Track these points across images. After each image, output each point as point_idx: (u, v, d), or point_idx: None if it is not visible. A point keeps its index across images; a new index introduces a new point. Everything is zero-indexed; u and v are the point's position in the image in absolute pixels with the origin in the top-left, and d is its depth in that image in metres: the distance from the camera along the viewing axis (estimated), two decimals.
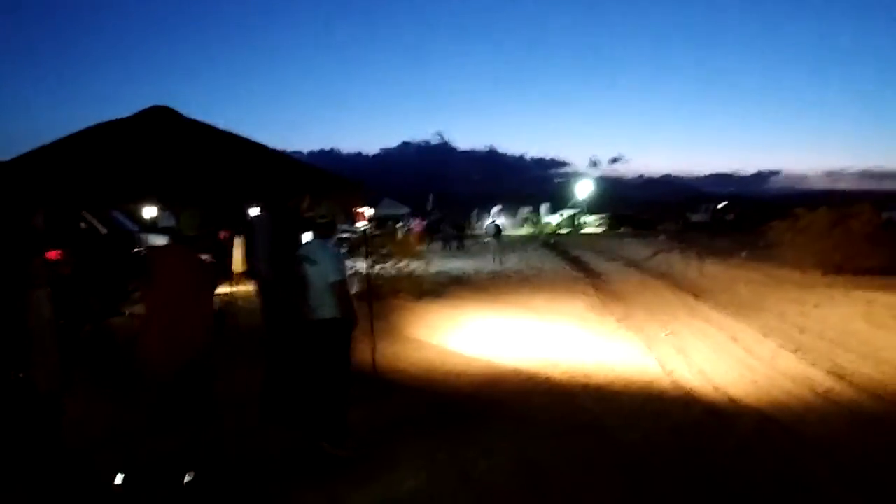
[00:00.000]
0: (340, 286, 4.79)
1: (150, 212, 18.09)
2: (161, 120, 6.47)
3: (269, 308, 5.70)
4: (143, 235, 13.41)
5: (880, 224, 15.77)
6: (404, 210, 49.35)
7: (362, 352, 6.55)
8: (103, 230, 12.53)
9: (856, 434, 5.22)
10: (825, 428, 5.33)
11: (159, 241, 13.66)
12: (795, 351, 8.14)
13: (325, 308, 4.78)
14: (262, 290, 5.81)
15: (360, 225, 7.54)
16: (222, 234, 13.51)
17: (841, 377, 6.83)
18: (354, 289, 7.49)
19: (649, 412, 5.83)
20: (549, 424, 5.50)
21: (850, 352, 7.93)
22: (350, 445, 4.78)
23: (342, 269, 4.90)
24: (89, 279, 9.71)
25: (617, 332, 9.83)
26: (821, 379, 6.82)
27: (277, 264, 5.40)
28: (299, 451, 4.83)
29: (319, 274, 4.77)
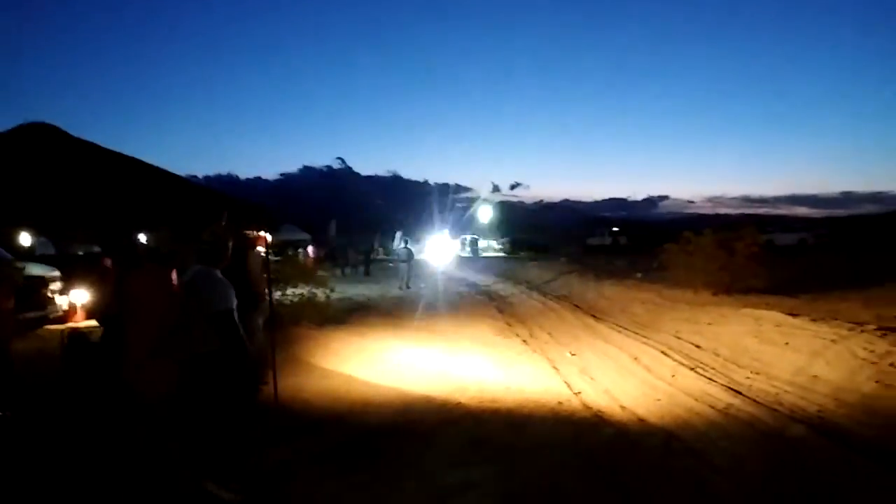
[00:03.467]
0: (226, 316, 4.38)
1: (26, 239, 16.74)
2: (42, 138, 5.96)
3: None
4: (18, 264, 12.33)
5: (762, 246, 16.75)
6: (305, 236, 48.31)
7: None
8: None
9: (756, 448, 5.36)
10: (728, 443, 5.45)
11: (36, 270, 12.61)
12: (694, 368, 8.40)
13: (206, 340, 4.36)
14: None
15: (260, 250, 7.16)
16: (107, 262, 12.61)
17: (738, 393, 7.07)
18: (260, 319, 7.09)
19: (560, 435, 5.78)
20: (462, 452, 5.34)
21: (744, 367, 8.25)
22: (234, 487, 4.38)
23: (229, 298, 4.48)
24: None
25: (523, 354, 9.86)
26: (720, 395, 7.03)
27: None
28: (183, 491, 4.41)
29: (202, 304, 4.35)
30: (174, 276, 4.38)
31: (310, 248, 35.18)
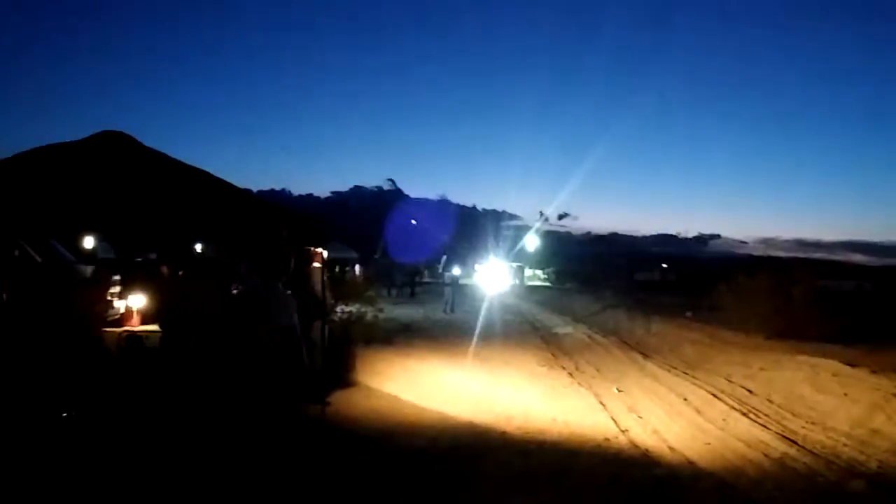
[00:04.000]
0: (290, 333, 4.45)
1: (89, 242, 17.29)
2: (114, 146, 6.22)
3: None
4: (80, 267, 12.77)
5: (818, 291, 16.27)
6: (353, 254, 48.81)
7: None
8: (38, 259, 11.89)
9: (814, 502, 5.18)
10: (783, 495, 5.27)
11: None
12: (746, 414, 8.16)
13: (266, 351, 4.43)
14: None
15: (317, 266, 7.29)
16: (164, 269, 12.94)
17: (793, 442, 6.84)
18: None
19: (607, 472, 5.68)
20: (507, 482, 5.30)
21: (799, 416, 7.99)
22: None
23: (293, 315, 4.54)
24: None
25: (569, 387, 9.75)
26: (774, 443, 6.81)
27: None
28: None
29: (265, 316, 4.43)
30: (230, 286, 4.50)
31: (357, 268, 35.51)
